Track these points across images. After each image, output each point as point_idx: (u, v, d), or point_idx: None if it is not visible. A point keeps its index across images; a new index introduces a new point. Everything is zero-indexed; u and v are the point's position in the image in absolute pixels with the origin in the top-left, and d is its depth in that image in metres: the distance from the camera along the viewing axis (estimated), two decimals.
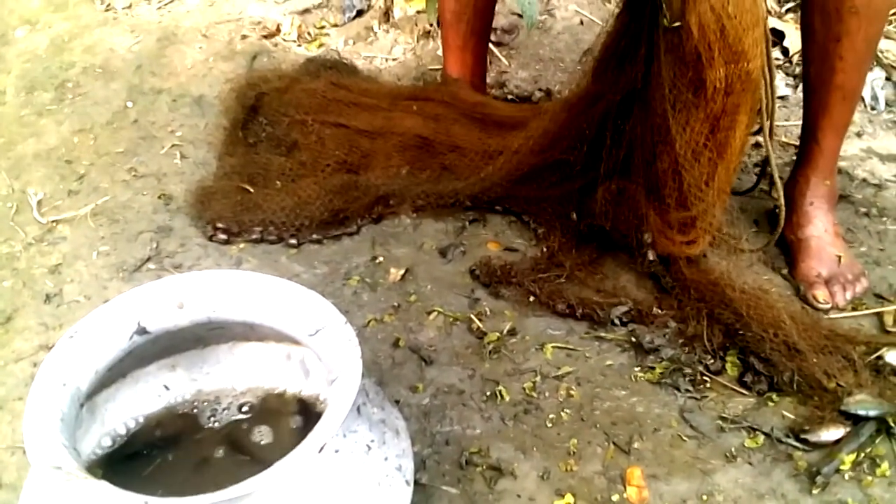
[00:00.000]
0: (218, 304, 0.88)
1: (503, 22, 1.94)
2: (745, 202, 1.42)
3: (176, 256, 1.34)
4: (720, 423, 1.07)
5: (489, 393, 1.11)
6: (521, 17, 1.91)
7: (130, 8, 2.06)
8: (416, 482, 0.90)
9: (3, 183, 1.51)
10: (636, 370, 1.15)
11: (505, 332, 1.20)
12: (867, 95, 1.72)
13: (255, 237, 1.36)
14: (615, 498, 0.98)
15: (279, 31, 1.97)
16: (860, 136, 1.65)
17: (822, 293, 1.25)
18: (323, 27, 2.01)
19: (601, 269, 1.31)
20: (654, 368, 1.14)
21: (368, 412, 0.83)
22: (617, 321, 1.21)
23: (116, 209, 1.44)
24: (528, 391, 1.11)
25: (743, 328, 1.14)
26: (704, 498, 0.98)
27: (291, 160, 1.50)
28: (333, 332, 0.83)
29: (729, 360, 1.15)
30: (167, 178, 1.51)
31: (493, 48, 1.85)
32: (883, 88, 1.74)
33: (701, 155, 1.14)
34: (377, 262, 1.33)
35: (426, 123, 1.53)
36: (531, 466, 1.02)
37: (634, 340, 1.18)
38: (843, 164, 1.52)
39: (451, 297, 1.27)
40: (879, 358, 1.13)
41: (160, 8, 2.06)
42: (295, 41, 1.95)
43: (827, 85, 1.23)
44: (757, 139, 1.26)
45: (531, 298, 1.24)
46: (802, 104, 1.31)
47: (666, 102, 1.12)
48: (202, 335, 0.93)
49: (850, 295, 1.26)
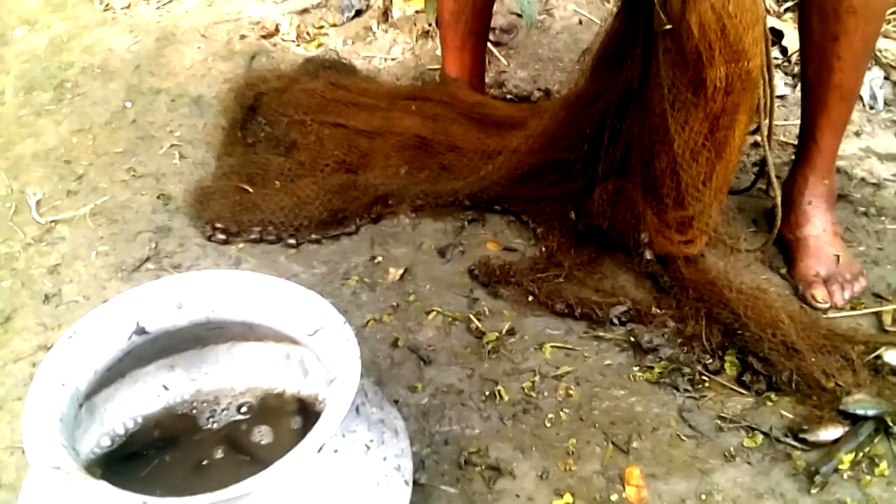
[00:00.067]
0: (217, 304, 0.88)
1: (502, 22, 1.94)
2: (743, 201, 1.42)
3: (175, 256, 1.34)
4: (719, 422, 1.07)
5: (488, 393, 1.11)
6: (519, 16, 1.91)
7: (129, 8, 2.06)
8: (414, 482, 0.90)
9: (1, 183, 1.51)
10: (635, 370, 1.15)
11: (504, 331, 1.20)
12: (866, 95, 1.72)
13: (253, 237, 1.36)
14: (614, 497, 0.98)
15: (278, 31, 1.97)
16: (859, 135, 1.65)
17: (820, 293, 1.25)
18: (322, 27, 2.01)
19: (600, 268, 1.31)
20: (652, 368, 1.14)
21: (367, 412, 0.83)
22: (615, 321, 1.21)
23: (115, 209, 1.44)
24: (526, 391, 1.11)
25: (741, 328, 1.14)
26: (703, 497, 0.98)
27: (290, 160, 1.50)
28: (332, 331, 0.83)
29: (727, 359, 1.15)
30: (166, 178, 1.51)
31: (491, 48, 1.85)
32: (881, 88, 1.74)
33: (699, 154, 1.14)
34: (376, 261, 1.33)
35: (425, 123, 1.53)
36: (530, 466, 1.02)
37: (633, 340, 1.18)
38: (841, 163, 1.52)
39: (449, 296, 1.27)
40: (878, 357, 1.13)
41: (159, 8, 2.06)
42: (294, 41, 1.95)
43: (825, 84, 1.23)
44: (755, 138, 1.26)
45: (530, 298, 1.25)
46: (801, 103, 1.32)
47: (665, 102, 1.12)
48: (201, 335, 0.93)
49: (848, 294, 1.26)
